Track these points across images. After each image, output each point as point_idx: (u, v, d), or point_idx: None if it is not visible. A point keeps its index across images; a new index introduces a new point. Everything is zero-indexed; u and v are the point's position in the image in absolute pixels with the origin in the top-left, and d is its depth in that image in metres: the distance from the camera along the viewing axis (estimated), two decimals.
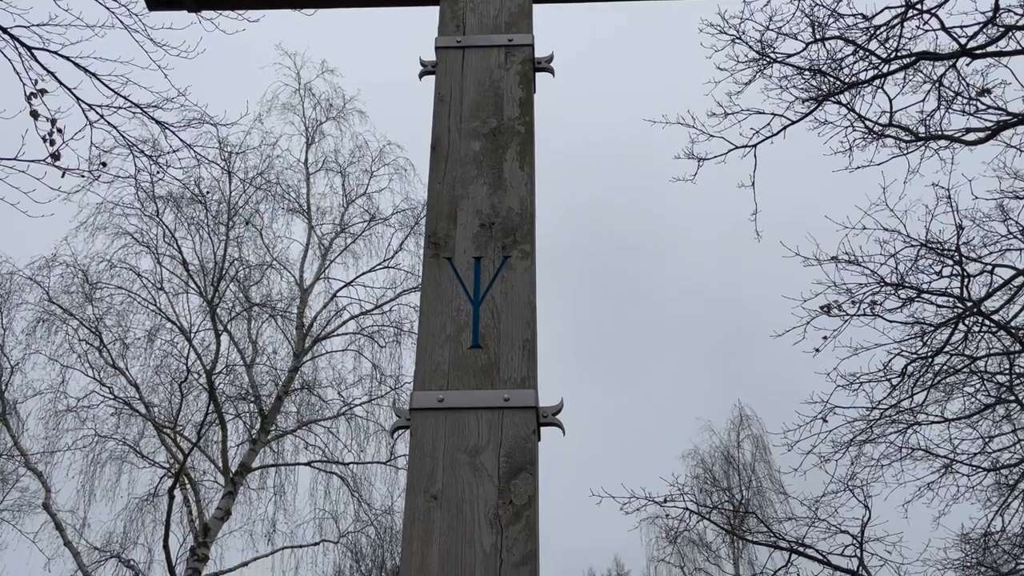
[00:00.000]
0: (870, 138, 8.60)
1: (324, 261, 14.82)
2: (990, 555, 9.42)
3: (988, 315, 8.36)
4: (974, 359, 8.76)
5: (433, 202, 2.88)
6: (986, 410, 9.04)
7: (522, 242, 2.75)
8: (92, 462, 13.15)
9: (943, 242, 8.28)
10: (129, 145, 7.52)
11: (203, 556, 11.97)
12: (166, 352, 13.58)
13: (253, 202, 14.35)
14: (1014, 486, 9.01)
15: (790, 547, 10.11)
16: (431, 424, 2.45)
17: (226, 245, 13.53)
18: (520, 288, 2.67)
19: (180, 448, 12.71)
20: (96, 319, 13.16)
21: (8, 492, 14.12)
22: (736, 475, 25.52)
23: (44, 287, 13.35)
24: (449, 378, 2.52)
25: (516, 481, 2.35)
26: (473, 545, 2.26)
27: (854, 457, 9.47)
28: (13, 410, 13.30)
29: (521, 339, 2.57)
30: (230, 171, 13.69)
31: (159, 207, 13.36)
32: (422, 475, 2.38)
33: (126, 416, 13.28)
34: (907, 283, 8.54)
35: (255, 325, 14.20)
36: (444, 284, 2.69)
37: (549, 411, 2.48)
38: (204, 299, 13.21)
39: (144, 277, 13.43)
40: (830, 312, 8.58)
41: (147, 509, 13.27)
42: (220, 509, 12.43)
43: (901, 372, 8.76)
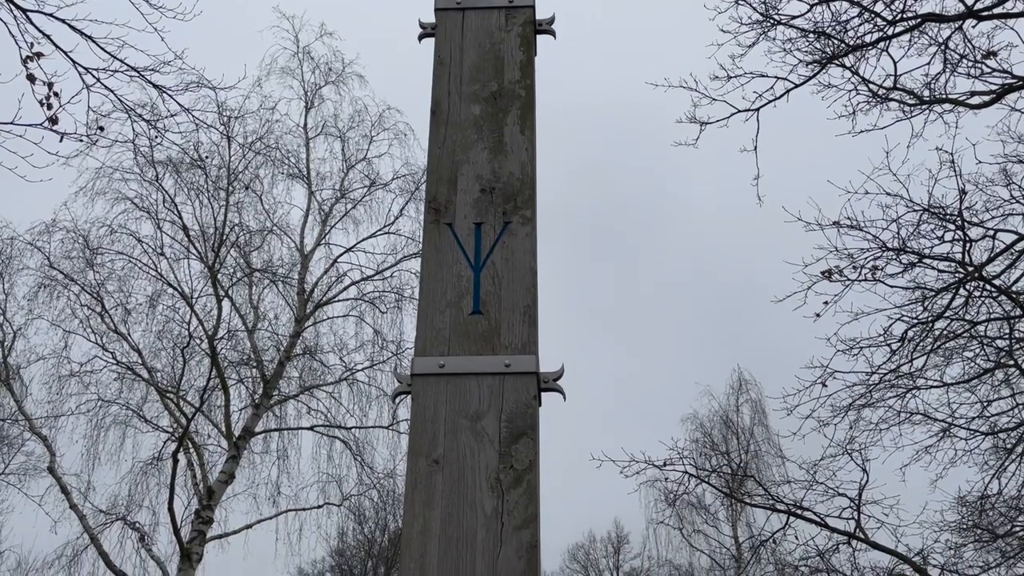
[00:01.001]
0: (874, 102, 8.53)
1: (324, 227, 14.79)
2: (986, 517, 9.52)
3: (989, 280, 8.35)
4: (974, 324, 8.77)
5: (433, 167, 2.86)
6: (985, 375, 9.07)
7: (523, 207, 2.73)
8: (96, 426, 13.26)
9: (946, 207, 8.25)
10: (127, 109, 7.45)
11: (208, 519, 12.11)
12: (168, 318, 13.62)
13: (253, 167, 14.28)
14: (1011, 449, 9.07)
15: (788, 509, 10.21)
16: (432, 389, 2.46)
17: (226, 210, 13.49)
18: (521, 254, 2.66)
19: (183, 413, 12.79)
20: (97, 284, 13.18)
21: (13, 456, 14.27)
22: (735, 439, 25.73)
23: (45, 252, 13.35)
24: (450, 344, 2.53)
25: (517, 446, 2.36)
26: (475, 508, 2.28)
27: (853, 421, 9.53)
28: (17, 375, 13.36)
29: (522, 305, 2.57)
30: (229, 136, 13.60)
31: (158, 172, 13.30)
32: (424, 440, 2.39)
33: (129, 381, 13.36)
34: (909, 248, 8.53)
35: (256, 291, 14.22)
36: (445, 250, 2.69)
37: (550, 377, 2.48)
38: (205, 265, 13.21)
39: (144, 243, 13.42)
40: (831, 277, 8.57)
41: (151, 473, 13.41)
42: (224, 473, 12.55)
43: (901, 337, 8.77)
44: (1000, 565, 9.72)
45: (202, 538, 11.96)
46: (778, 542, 10.86)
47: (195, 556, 11.74)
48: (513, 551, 2.23)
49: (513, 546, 2.23)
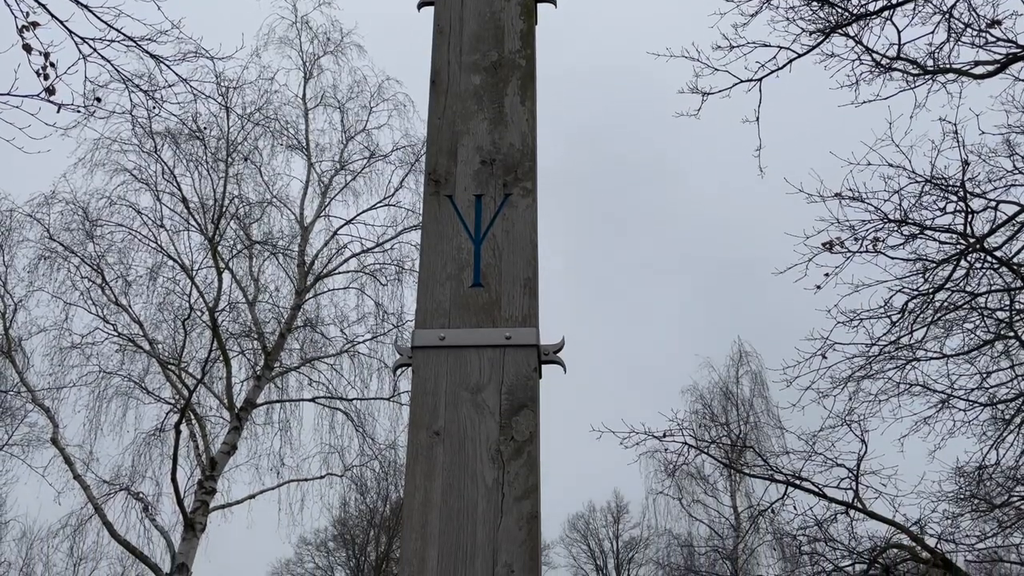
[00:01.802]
0: (877, 72, 8.45)
1: (324, 199, 14.74)
2: (983, 487, 9.58)
3: (990, 251, 8.33)
4: (975, 295, 8.76)
5: (433, 138, 2.84)
6: (985, 346, 9.09)
7: (523, 179, 2.72)
8: (98, 398, 13.33)
9: (948, 178, 8.21)
10: (124, 80, 7.38)
11: (211, 489, 12.21)
12: (168, 289, 13.63)
13: (252, 138, 14.21)
14: (1010, 420, 9.11)
15: (787, 480, 10.28)
16: (433, 362, 2.46)
17: (225, 182, 13.44)
18: (521, 226, 2.65)
19: (185, 384, 12.84)
20: (97, 256, 13.17)
21: (16, 427, 14.36)
22: (735, 410, 25.87)
23: (44, 224, 13.33)
24: (450, 316, 2.53)
25: (517, 418, 2.37)
26: (475, 480, 2.30)
27: (852, 393, 9.56)
28: (19, 347, 13.40)
29: (522, 277, 2.56)
30: (228, 107, 13.51)
31: (157, 143, 13.24)
32: (424, 412, 2.40)
33: (130, 353, 13.40)
34: (910, 219, 8.50)
35: (256, 263, 14.21)
36: (445, 222, 2.67)
37: (550, 349, 2.48)
38: (205, 236, 13.18)
39: (144, 214, 13.39)
40: (832, 249, 8.55)
41: (154, 444, 13.50)
42: (226, 444, 12.63)
43: (901, 309, 8.77)
44: (997, 535, 9.81)
45: (205, 508, 12.06)
46: (776, 512, 10.95)
47: (199, 526, 11.85)
48: (514, 521, 2.24)
49: (514, 516, 2.25)
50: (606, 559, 46.88)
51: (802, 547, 10.65)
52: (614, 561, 46.56)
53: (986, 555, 10.40)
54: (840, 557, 10.12)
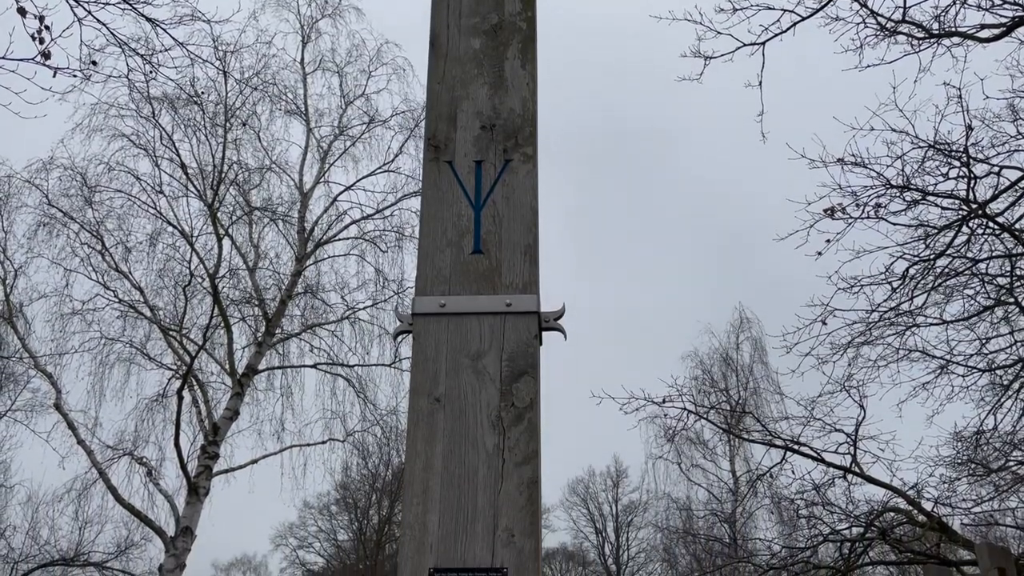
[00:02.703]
0: (882, 35, 8.35)
1: (323, 164, 14.66)
2: (981, 452, 9.65)
3: (992, 217, 8.30)
4: (976, 261, 8.74)
5: (432, 103, 2.81)
6: (985, 312, 9.09)
7: (524, 145, 2.69)
8: (100, 364, 13.37)
9: (951, 143, 8.14)
10: (120, 43, 7.30)
11: (214, 454, 12.31)
12: (168, 256, 13.61)
13: (250, 103, 14.09)
14: (1008, 386, 9.14)
15: (785, 445, 10.36)
16: (433, 329, 2.46)
17: (224, 148, 13.35)
18: (522, 192, 2.63)
19: (186, 351, 12.88)
20: (97, 223, 13.13)
21: (20, 393, 14.45)
22: (734, 376, 25.98)
23: (43, 190, 13.26)
24: (451, 283, 2.52)
25: (518, 384, 2.38)
26: (476, 446, 2.31)
27: (851, 359, 9.59)
28: (20, 313, 13.42)
29: (523, 244, 2.56)
30: (225, 71, 13.38)
31: (154, 108, 13.11)
32: (425, 378, 2.41)
33: (132, 319, 13.42)
34: (913, 185, 8.45)
35: (256, 229, 14.18)
36: (445, 188, 2.66)
37: (551, 316, 2.48)
38: (204, 203, 13.13)
39: (143, 180, 13.32)
40: (833, 215, 8.52)
41: (157, 409, 13.57)
42: (228, 409, 12.70)
43: (902, 275, 8.76)
44: (993, 499, 9.91)
45: (208, 473, 12.17)
46: (775, 476, 11.05)
47: (202, 490, 11.97)
48: (514, 486, 2.26)
49: (514, 481, 2.26)
50: (605, 522, 47.40)
51: (800, 511, 10.76)
52: (613, 524, 47.08)
53: (982, 519, 10.52)
54: (837, 521, 10.23)
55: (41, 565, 15.16)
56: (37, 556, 15.41)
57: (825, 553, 11.33)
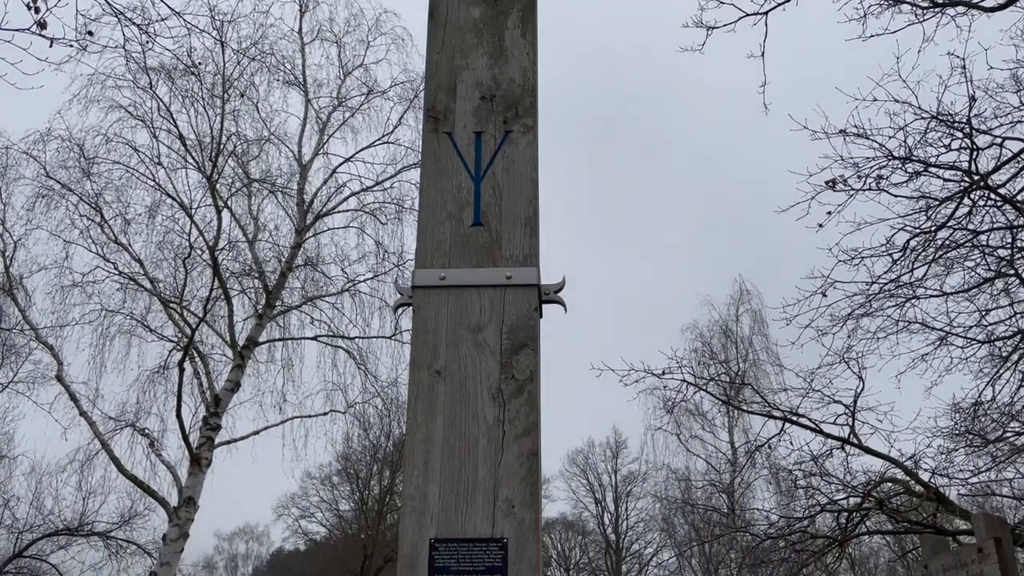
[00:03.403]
0: (886, 4, 8.27)
1: (322, 136, 14.58)
2: (978, 423, 9.70)
3: (994, 189, 8.26)
4: (977, 233, 8.72)
5: (431, 73, 2.78)
6: (985, 284, 9.08)
7: (524, 116, 2.67)
8: (101, 335, 13.38)
9: (954, 114, 8.09)
10: (116, 13, 7.21)
11: (215, 425, 12.37)
12: (168, 228, 13.58)
13: (248, 74, 13.97)
14: (1007, 357, 9.16)
15: (784, 416, 10.41)
16: (433, 301, 2.46)
17: (222, 119, 13.27)
18: (522, 164, 2.61)
19: (187, 323, 12.89)
20: (95, 194, 13.08)
21: (22, 364, 14.49)
22: (734, 348, 26.06)
23: (41, 162, 13.20)
24: (451, 256, 2.51)
25: (518, 357, 2.38)
26: (476, 417, 2.32)
27: (851, 330, 9.61)
28: (20, 285, 13.42)
29: (523, 216, 2.54)
30: (223, 41, 13.24)
31: (151, 79, 13.01)
32: (425, 351, 2.41)
33: (132, 291, 13.41)
34: (915, 157, 8.41)
35: (256, 201, 14.13)
36: (444, 160, 2.64)
37: (551, 288, 2.48)
38: (203, 174, 13.07)
39: (141, 152, 13.24)
40: (835, 187, 8.49)
41: (158, 381, 13.61)
42: (230, 381, 12.75)
43: (903, 247, 8.75)
44: (990, 469, 9.97)
45: (210, 444, 12.24)
46: (773, 447, 11.12)
47: (204, 461, 12.04)
48: (514, 458, 2.27)
49: (514, 453, 2.27)
50: (604, 492, 47.80)
51: (798, 481, 10.85)
52: (612, 494, 47.46)
53: (979, 489, 10.60)
54: (835, 491, 10.32)
55: (46, 535, 15.31)
56: (42, 526, 15.56)
57: (822, 523, 11.45)
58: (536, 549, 2.18)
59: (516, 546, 2.17)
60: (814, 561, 11.25)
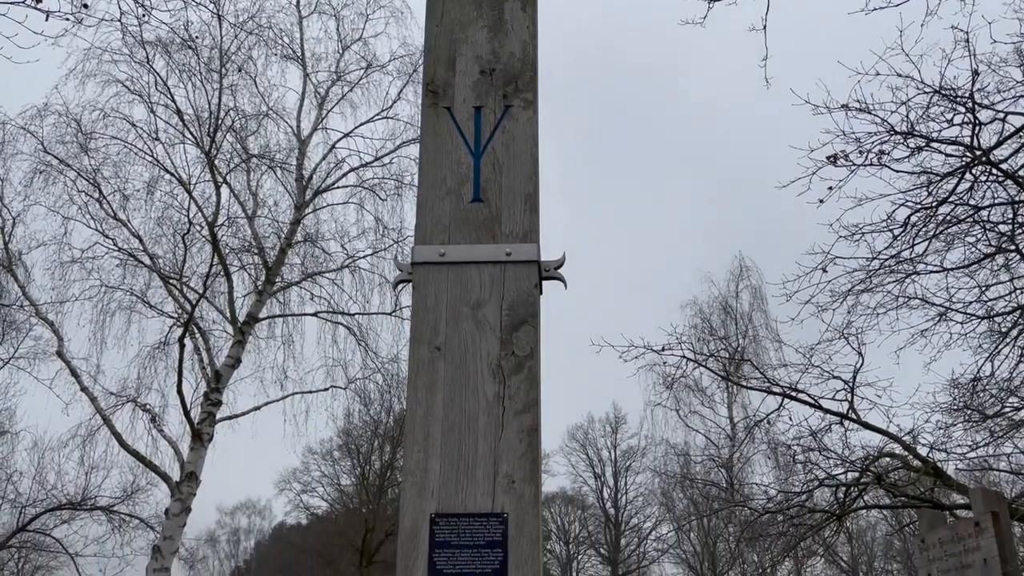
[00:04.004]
0: None
1: (321, 111, 14.49)
2: (977, 399, 9.73)
3: (996, 164, 8.23)
4: (978, 209, 8.69)
5: (430, 46, 2.75)
6: (985, 259, 9.07)
7: (524, 90, 2.65)
8: (101, 311, 13.39)
9: (957, 89, 8.03)
10: None
11: (216, 401, 12.42)
12: (167, 204, 13.54)
13: (245, 48, 13.85)
14: (1006, 333, 9.17)
15: (783, 392, 10.45)
16: (433, 278, 2.45)
17: (220, 93, 13.17)
18: (522, 139, 2.59)
19: (187, 299, 12.90)
20: (93, 170, 13.02)
21: (22, 340, 14.51)
22: (733, 324, 26.10)
23: (38, 137, 13.13)
24: (450, 232, 2.50)
25: (518, 333, 2.38)
26: (476, 394, 2.32)
27: (851, 306, 9.61)
28: (19, 261, 13.40)
29: (523, 192, 2.53)
30: (219, 14, 13.12)
31: (148, 53, 12.91)
32: (425, 327, 2.41)
33: (131, 267, 13.40)
34: (917, 132, 8.36)
35: (254, 177, 14.08)
36: (444, 135, 2.62)
37: (551, 265, 2.47)
38: (201, 150, 13.00)
39: (139, 127, 13.17)
40: (836, 162, 8.45)
41: (159, 357, 13.64)
42: (230, 357, 12.77)
43: (904, 222, 8.73)
44: (988, 444, 10.02)
45: (212, 419, 12.29)
46: (772, 422, 11.17)
47: (206, 436, 12.10)
48: (514, 434, 2.27)
49: (514, 429, 2.28)
50: (604, 467, 48.11)
51: (796, 456, 10.90)
52: (612, 469, 47.78)
53: (977, 464, 10.66)
54: (833, 466, 10.38)
55: (49, 509, 15.41)
56: (44, 500, 15.66)
57: (821, 497, 11.53)
58: (536, 524, 2.19)
59: (516, 521, 2.18)
60: (812, 535, 11.35)
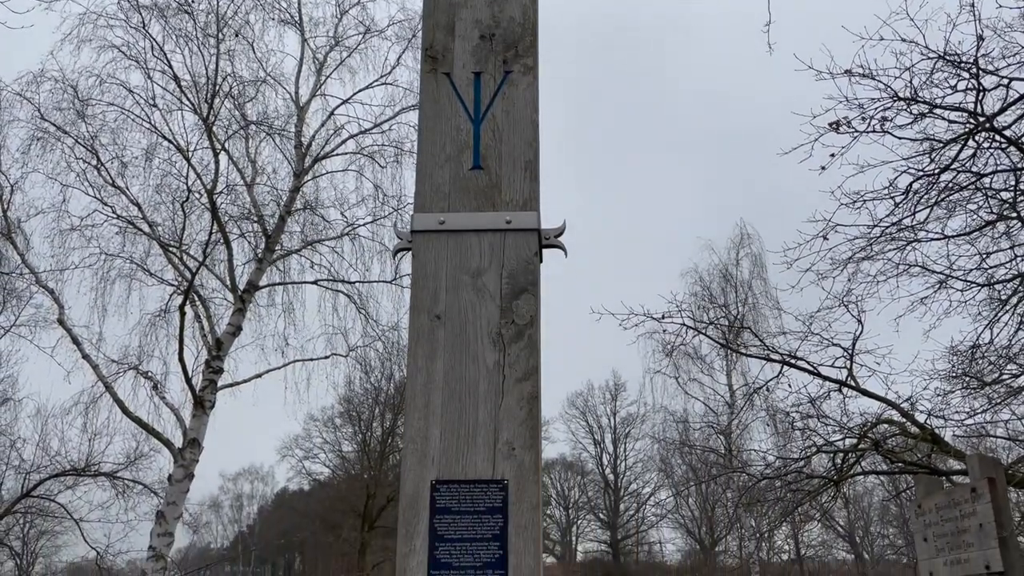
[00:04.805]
0: None
1: (319, 77, 14.36)
2: (976, 366, 9.76)
3: (999, 130, 8.17)
4: (980, 176, 8.65)
5: (429, 11, 2.71)
6: (987, 227, 9.04)
7: (524, 55, 2.62)
8: (101, 279, 13.38)
9: (961, 54, 7.94)
10: None
11: (218, 368, 12.46)
12: (165, 171, 13.46)
13: (242, 12, 13.69)
14: (1006, 301, 9.17)
15: (782, 359, 10.49)
16: (433, 246, 2.44)
17: (217, 59, 13.04)
18: (522, 106, 2.57)
19: (187, 267, 12.89)
20: (91, 137, 12.94)
21: (23, 309, 14.53)
22: (733, 292, 26.11)
23: (35, 104, 13.02)
24: (450, 200, 2.49)
25: (518, 302, 2.37)
26: (477, 361, 2.32)
27: (851, 274, 9.61)
28: (18, 229, 13.36)
29: (523, 160, 2.51)
30: None
31: (144, 18, 12.76)
32: (425, 296, 2.40)
33: (131, 235, 13.38)
34: (920, 98, 8.29)
35: (253, 144, 13.99)
36: (443, 101, 2.60)
37: (551, 233, 2.46)
38: (199, 116, 12.91)
39: (136, 93, 13.06)
40: (839, 129, 8.39)
41: (160, 325, 13.67)
42: (231, 325, 12.80)
43: (906, 189, 8.69)
44: (986, 411, 10.07)
45: (213, 387, 12.35)
46: (771, 390, 11.23)
47: (207, 403, 12.16)
48: (515, 401, 2.28)
49: (515, 397, 2.28)
50: (603, 434, 48.43)
51: (795, 423, 10.97)
52: (611, 436, 48.08)
53: (974, 430, 10.72)
54: (831, 432, 10.45)
55: (53, 475, 15.55)
56: (48, 466, 15.79)
57: (818, 463, 11.62)
58: (536, 490, 2.21)
59: (516, 487, 2.20)
60: (809, 500, 11.46)
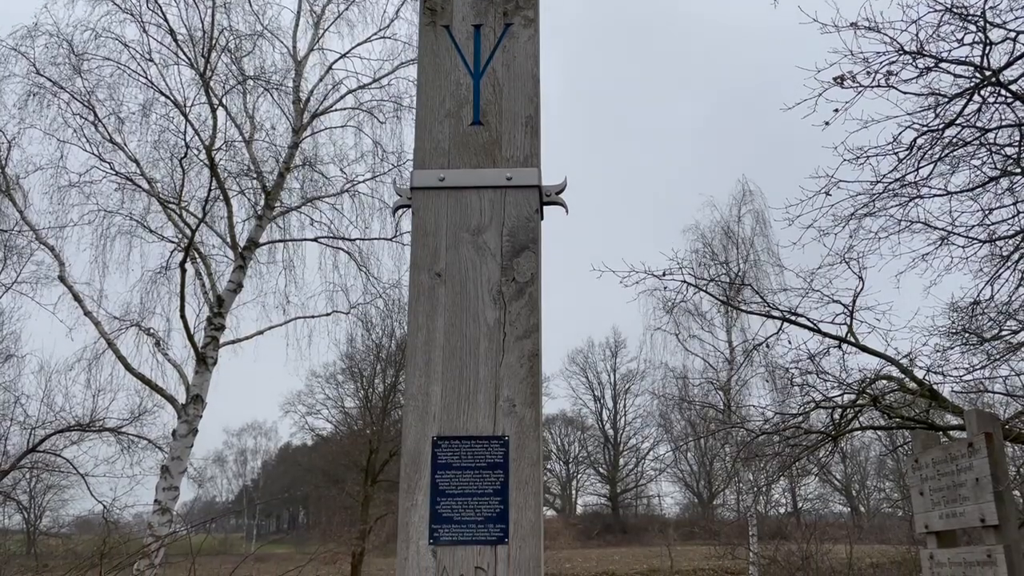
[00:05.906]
0: None
1: (317, 30, 14.16)
2: (976, 322, 9.78)
3: (1006, 85, 8.07)
4: (985, 131, 8.57)
5: None
6: (990, 183, 8.99)
7: (525, 7, 2.57)
8: (102, 236, 13.36)
9: (968, 6, 7.82)
10: None
11: (219, 325, 12.50)
12: (163, 127, 13.35)
13: None
14: (1007, 257, 9.16)
15: (782, 316, 10.50)
16: (433, 203, 2.43)
17: (213, 12, 12.85)
18: (523, 59, 2.53)
19: (187, 224, 12.85)
20: (87, 92, 12.81)
21: (24, 265, 14.52)
22: (735, 249, 26.06)
23: (30, 59, 12.87)
24: (450, 156, 2.47)
25: (519, 259, 2.36)
26: (477, 319, 2.32)
27: (853, 231, 9.58)
28: (17, 185, 13.30)
29: (524, 115, 2.48)
30: None
31: None
32: (426, 253, 2.39)
33: (130, 191, 13.32)
34: (926, 52, 8.17)
35: (251, 99, 13.85)
36: (442, 55, 2.56)
37: (552, 190, 2.44)
38: (196, 71, 12.76)
39: (132, 48, 12.89)
40: (843, 84, 8.29)
41: (161, 281, 13.68)
42: (232, 282, 12.81)
43: (910, 145, 8.62)
44: (985, 367, 10.11)
45: (215, 343, 12.40)
46: (771, 346, 11.26)
47: (210, 360, 12.23)
48: (515, 359, 2.29)
49: (515, 354, 2.29)
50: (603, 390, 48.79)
51: (794, 379, 11.03)
52: (611, 392, 48.44)
53: (972, 386, 10.78)
54: (830, 388, 10.51)
55: (58, 431, 15.69)
56: (53, 422, 15.93)
57: (816, 419, 11.71)
58: (536, 446, 2.22)
59: (517, 443, 2.21)
60: (807, 455, 11.57)
